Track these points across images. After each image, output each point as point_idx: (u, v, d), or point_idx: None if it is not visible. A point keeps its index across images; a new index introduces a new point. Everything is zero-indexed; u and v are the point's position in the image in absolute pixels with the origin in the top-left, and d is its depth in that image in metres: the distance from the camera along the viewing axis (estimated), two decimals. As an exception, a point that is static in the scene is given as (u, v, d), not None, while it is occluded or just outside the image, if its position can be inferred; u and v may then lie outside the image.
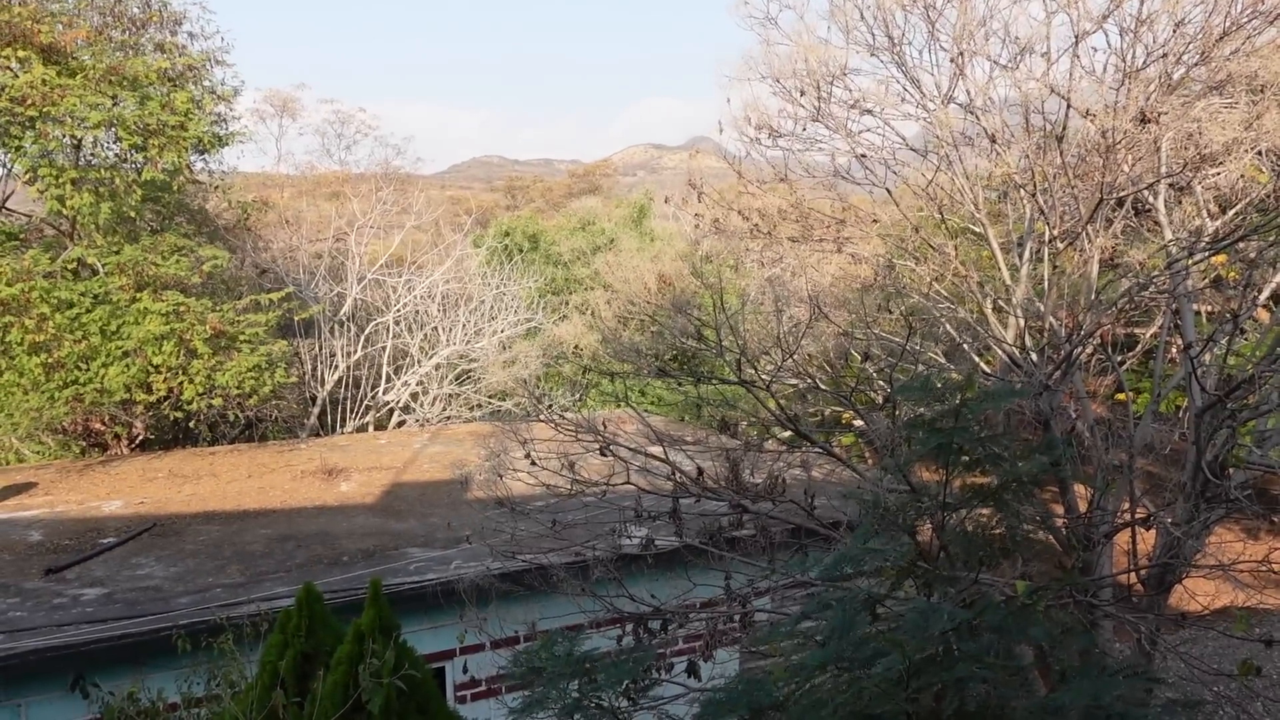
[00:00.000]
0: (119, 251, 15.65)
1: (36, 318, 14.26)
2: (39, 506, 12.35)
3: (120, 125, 15.37)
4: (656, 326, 14.45)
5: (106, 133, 15.94)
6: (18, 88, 14.36)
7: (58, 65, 15.26)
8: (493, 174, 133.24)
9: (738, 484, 7.89)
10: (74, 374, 14.89)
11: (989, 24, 9.58)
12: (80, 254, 15.61)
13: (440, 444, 16.39)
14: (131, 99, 15.77)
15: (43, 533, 11.12)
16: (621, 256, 28.11)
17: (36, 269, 14.68)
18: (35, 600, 8.84)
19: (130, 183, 15.66)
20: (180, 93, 16.24)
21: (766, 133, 9.96)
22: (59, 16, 16.14)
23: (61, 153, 15.78)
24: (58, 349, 14.55)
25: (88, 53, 15.83)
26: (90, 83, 15.10)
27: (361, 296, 23.37)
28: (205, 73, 17.66)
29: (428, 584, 8.87)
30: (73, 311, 14.93)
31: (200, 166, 18.58)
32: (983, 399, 3.36)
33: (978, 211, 9.11)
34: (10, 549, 10.52)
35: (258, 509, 12.10)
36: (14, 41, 14.99)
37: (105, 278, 15.43)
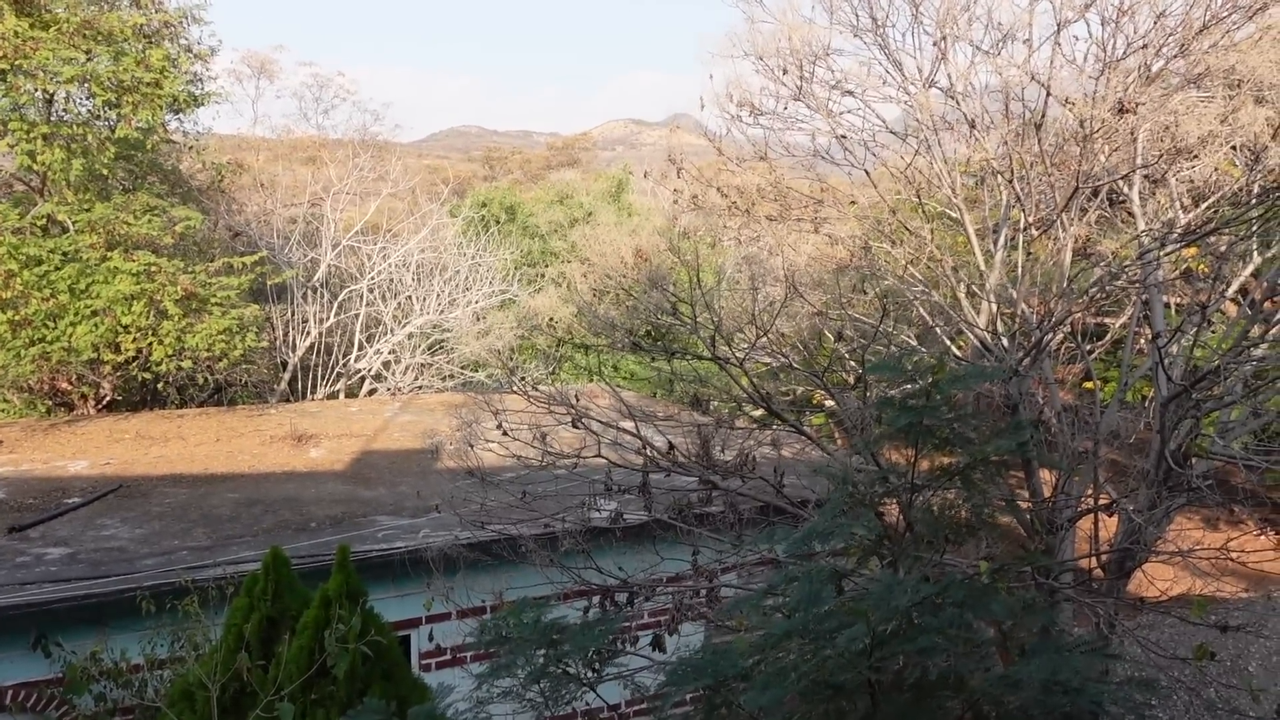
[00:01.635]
0: (90, 209, 15.45)
1: (4, 274, 14.07)
2: (3, 465, 12.23)
3: (94, 81, 15.13)
4: (632, 301, 14.44)
5: (80, 88, 15.70)
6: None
7: (30, 17, 14.98)
8: (471, 144, 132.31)
9: (708, 460, 7.92)
10: (41, 332, 14.72)
11: (972, 9, 9.59)
12: (50, 210, 15.39)
13: (411, 413, 16.35)
14: (106, 54, 15.52)
15: (6, 491, 11.02)
16: (599, 230, 28.05)
17: (5, 225, 14.48)
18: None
19: (103, 140, 15.44)
20: (156, 50, 16.00)
21: (748, 110, 9.94)
22: (32, -33, 15.83)
23: (33, 107, 15.53)
24: (25, 306, 14.37)
25: (61, 5, 15.53)
26: (64, 36, 14.84)
27: (336, 263, 23.22)
28: (182, 30, 17.40)
29: (395, 552, 8.88)
30: (41, 269, 14.74)
31: (175, 126, 18.32)
32: (953, 380, 3.39)
33: (955, 196, 9.15)
34: (-27, 506, 10.42)
35: (225, 473, 12.04)
36: (-15, -9, 14.72)
37: (75, 235, 15.23)
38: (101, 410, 17.39)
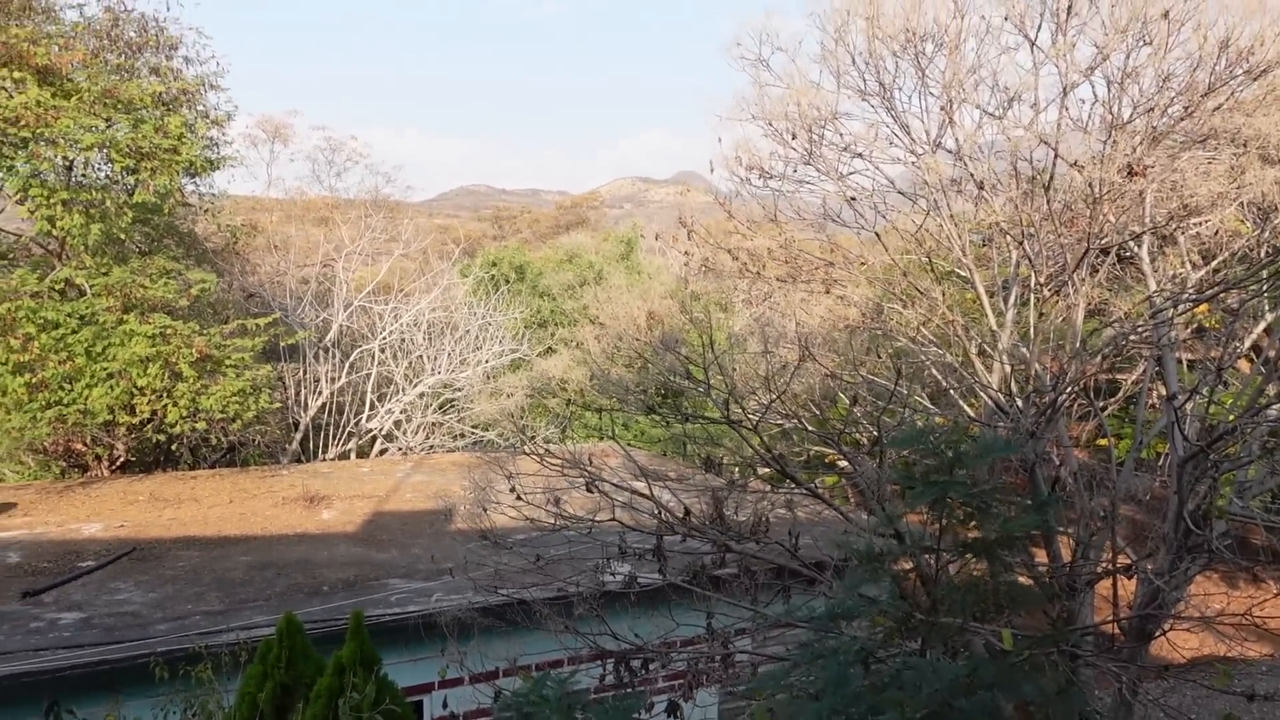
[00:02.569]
0: (107, 273, 15.62)
1: (22, 337, 14.19)
2: (18, 528, 12.23)
3: (113, 147, 15.38)
4: (643, 363, 14.49)
5: (99, 154, 15.94)
6: (12, 108, 14.37)
7: (53, 87, 15.28)
8: (480, 203, 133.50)
9: (722, 523, 7.89)
10: (58, 394, 14.80)
11: (978, 72, 9.73)
12: (68, 274, 15.56)
13: (423, 473, 16.34)
14: (125, 122, 15.79)
15: (21, 554, 11.01)
16: (610, 292, 28.20)
17: (24, 288, 14.63)
18: (11, 624, 8.74)
19: (121, 204, 15.65)
20: (174, 117, 16.27)
21: (757, 173, 10.05)
22: (55, 38, 16.15)
23: (53, 173, 15.76)
24: (42, 369, 14.47)
25: (83, 75, 15.85)
26: (85, 105, 15.12)
27: (347, 323, 23.36)
28: (199, 97, 17.71)
29: (409, 616, 8.83)
30: (59, 332, 14.86)
31: (191, 189, 18.58)
32: (978, 453, 3.39)
33: (964, 256, 9.21)
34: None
35: (238, 535, 12.02)
36: (10, 62, 15.00)
37: (93, 299, 15.38)
38: (115, 471, 17.41)
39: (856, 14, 9.67)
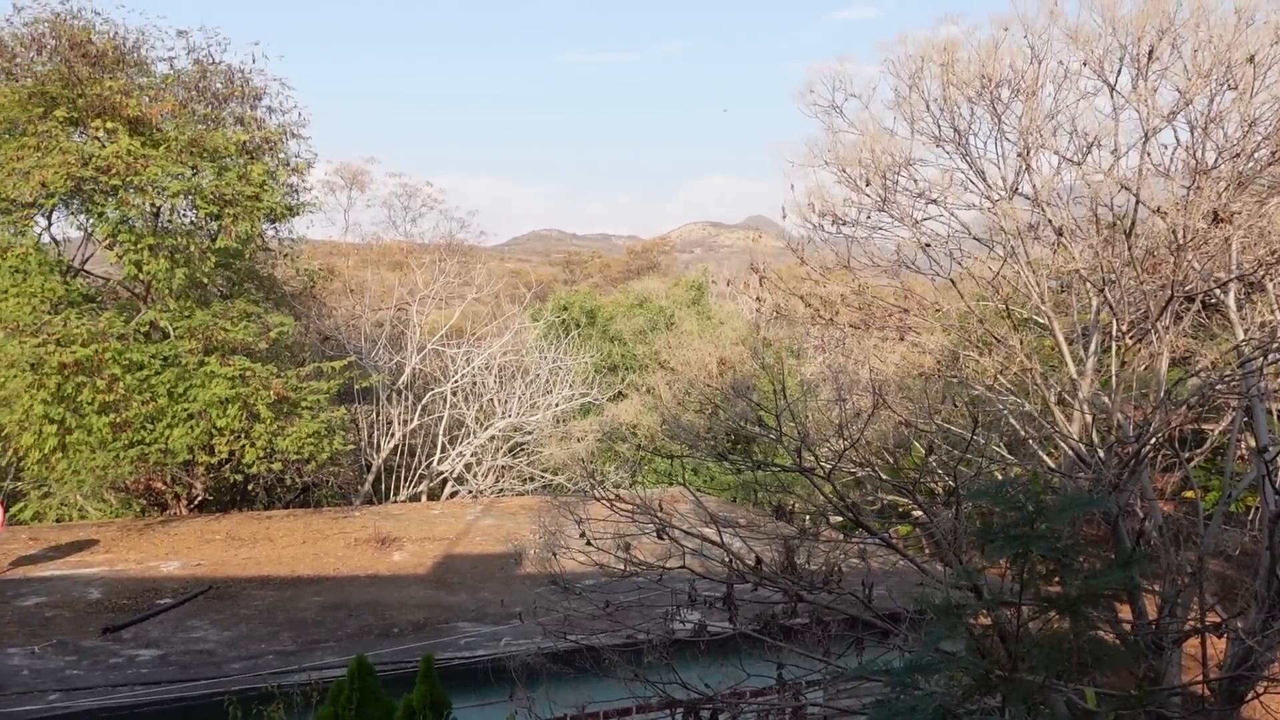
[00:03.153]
0: (190, 316, 16.06)
1: (108, 378, 14.61)
2: (100, 564, 12.53)
3: (198, 194, 15.88)
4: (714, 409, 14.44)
5: (185, 201, 16.47)
6: (104, 157, 14.93)
7: (143, 136, 15.87)
8: (552, 247, 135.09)
9: (793, 571, 7.78)
10: (140, 434, 15.19)
11: (1056, 118, 9.62)
12: (153, 317, 16.03)
13: (493, 517, 16.41)
14: (210, 169, 16.31)
15: (102, 591, 11.26)
16: (681, 337, 28.22)
17: (111, 331, 15.09)
18: (92, 659, 8.93)
19: (204, 249, 16.13)
20: (256, 165, 16.76)
21: (830, 219, 10.02)
22: (146, 90, 16.80)
23: (141, 219, 16.30)
24: (126, 409, 14.87)
25: (172, 125, 16.43)
26: (172, 154, 15.66)
27: (420, 366, 23.67)
28: (281, 146, 18.23)
29: (478, 660, 8.82)
30: (143, 373, 15.28)
31: (271, 234, 19.08)
32: (1059, 507, 3.30)
33: (1043, 303, 9.05)
34: (70, 606, 10.66)
35: (311, 575, 12.16)
36: (104, 113, 15.63)
37: (176, 341, 15.80)
38: (193, 510, 17.78)
39: (931, 61, 9.64)
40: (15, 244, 15.66)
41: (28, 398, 14.44)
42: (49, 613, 10.42)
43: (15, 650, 9.20)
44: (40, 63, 16.32)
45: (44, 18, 16.49)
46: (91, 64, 16.37)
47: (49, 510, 16.23)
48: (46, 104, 15.64)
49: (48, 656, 9.03)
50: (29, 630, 9.81)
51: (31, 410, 14.45)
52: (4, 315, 14.93)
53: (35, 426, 14.56)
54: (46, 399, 14.38)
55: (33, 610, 10.52)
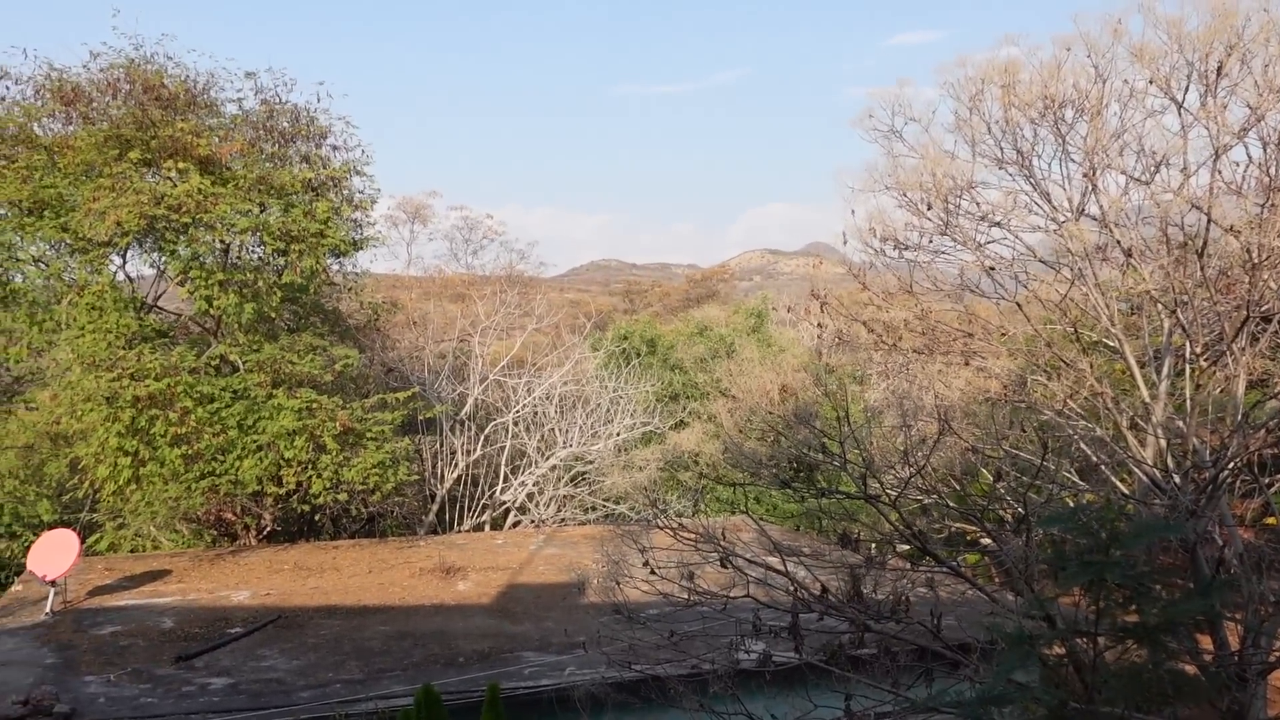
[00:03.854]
0: (258, 349, 16.38)
1: (180, 411, 14.95)
2: (172, 594, 12.77)
3: (265, 231, 16.25)
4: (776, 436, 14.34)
5: (253, 238, 16.86)
6: (176, 196, 15.35)
7: (212, 175, 16.29)
8: (611, 277, 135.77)
9: (860, 601, 7.66)
10: (211, 465, 15.49)
11: (1122, 137, 9.46)
12: (223, 351, 16.38)
13: (555, 546, 16.44)
14: (277, 206, 16.69)
15: (175, 620, 11.47)
16: (742, 365, 28.10)
17: (182, 365, 15.44)
18: (166, 688, 9.08)
19: (271, 285, 16.47)
20: (321, 202, 17.10)
21: (891, 244, 9.94)
22: (216, 130, 17.27)
23: (211, 256, 16.71)
24: (197, 441, 15.18)
25: (240, 164, 16.85)
26: (241, 191, 16.06)
27: (482, 396, 23.85)
28: (345, 182, 18.58)
29: (543, 690, 8.82)
30: (213, 406, 15.60)
31: (336, 269, 19.42)
32: (1135, 533, 3.21)
33: (1113, 326, 8.87)
34: (145, 635, 10.87)
35: (377, 604, 12.27)
36: (175, 154, 16.08)
37: (245, 374, 16.13)
38: (262, 540, 18.05)
39: (992, 82, 9.56)
40: (92, 282, 16.14)
41: (103, 430, 14.82)
42: (124, 641, 10.64)
43: (92, 678, 9.40)
44: (115, 107, 16.87)
45: (119, 63, 17.07)
46: (164, 106, 16.88)
47: (124, 541, 16.58)
48: (121, 146, 16.15)
49: (123, 684, 9.21)
50: (105, 659, 10.02)
51: (107, 443, 14.82)
52: (81, 350, 15.36)
53: (110, 459, 14.92)
54: (121, 431, 14.74)
55: (109, 639, 10.74)
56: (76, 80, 17.06)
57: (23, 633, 11.02)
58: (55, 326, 16.25)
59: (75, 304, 16.05)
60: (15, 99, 17.17)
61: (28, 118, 16.97)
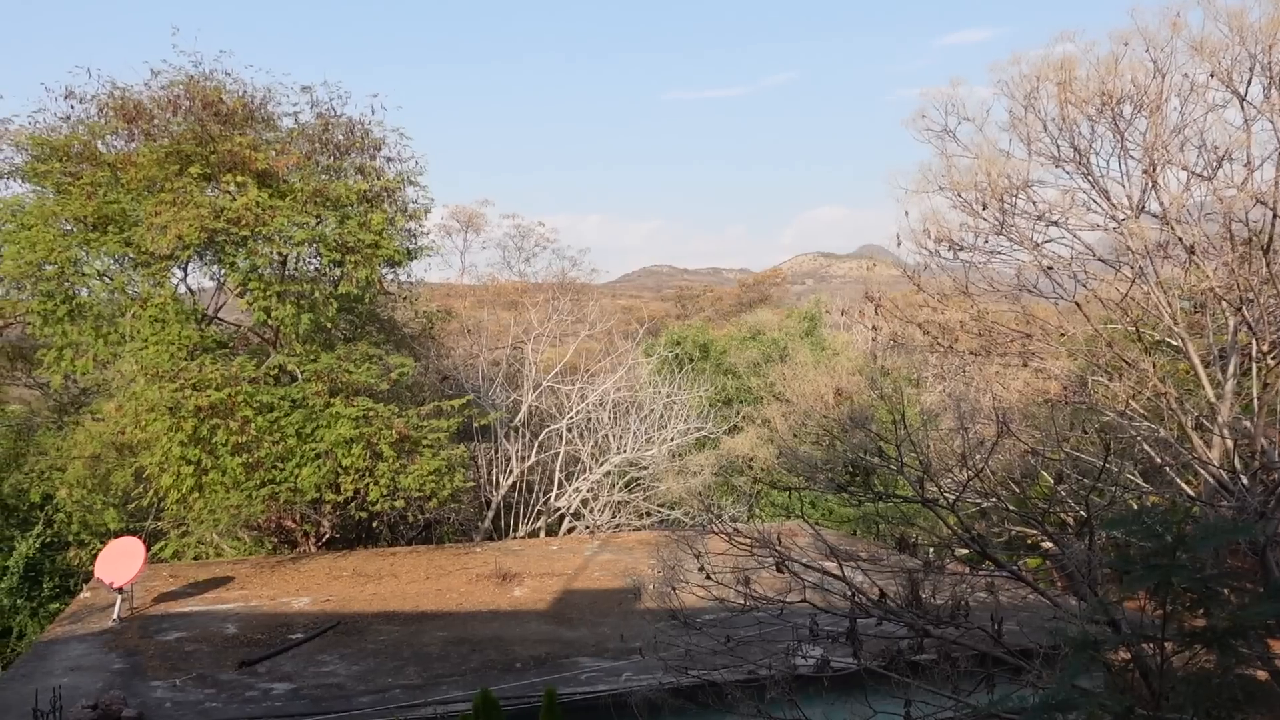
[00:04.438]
0: (316, 359, 16.62)
1: (240, 420, 15.20)
2: (235, 600, 12.98)
3: (322, 243, 16.50)
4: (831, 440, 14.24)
5: (309, 249, 17.12)
6: (235, 209, 15.64)
7: (270, 188, 16.57)
8: (662, 283, 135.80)
9: (918, 605, 7.57)
10: (271, 473, 15.72)
11: (1183, 132, 9.28)
12: (281, 361, 16.64)
13: (610, 551, 16.46)
14: (333, 218, 16.93)
15: (238, 626, 11.66)
16: (796, 368, 27.97)
17: (242, 375, 15.72)
18: (230, 692, 9.23)
19: (328, 295, 16.71)
20: (376, 213, 17.31)
21: (946, 245, 9.83)
22: (273, 144, 17.56)
23: (269, 267, 16.98)
24: (258, 449, 15.43)
25: (297, 177, 17.12)
26: (298, 204, 16.32)
27: (536, 403, 23.96)
28: (399, 193, 18.78)
29: (599, 695, 8.83)
30: (272, 415, 15.84)
31: (390, 278, 19.64)
32: (1202, 537, 3.14)
33: (1175, 325, 8.69)
34: (209, 640, 11.06)
35: (435, 610, 12.37)
36: (234, 168, 16.39)
37: (303, 384, 16.37)
38: (321, 547, 18.29)
39: (1047, 79, 9.42)
40: (155, 295, 16.49)
41: (166, 440, 15.12)
42: (189, 647, 10.83)
43: (159, 683, 9.58)
44: (176, 123, 17.22)
45: (179, 80, 17.43)
46: (222, 122, 17.20)
47: (187, 549, 16.88)
48: (181, 161, 16.49)
49: (188, 689, 9.38)
50: (171, 664, 10.21)
51: (170, 452, 15.12)
52: (145, 362, 15.68)
53: (174, 468, 15.21)
54: (184, 440, 15.03)
55: (174, 644, 10.95)
56: (138, 98, 17.45)
57: (91, 639, 11.27)
58: (120, 339, 16.61)
59: (139, 317, 16.40)
60: (80, 118, 17.60)
61: (92, 136, 17.39)
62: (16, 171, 17.45)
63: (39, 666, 10.26)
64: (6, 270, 16.31)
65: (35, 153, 17.30)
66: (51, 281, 16.51)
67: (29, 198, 17.37)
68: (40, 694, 8.70)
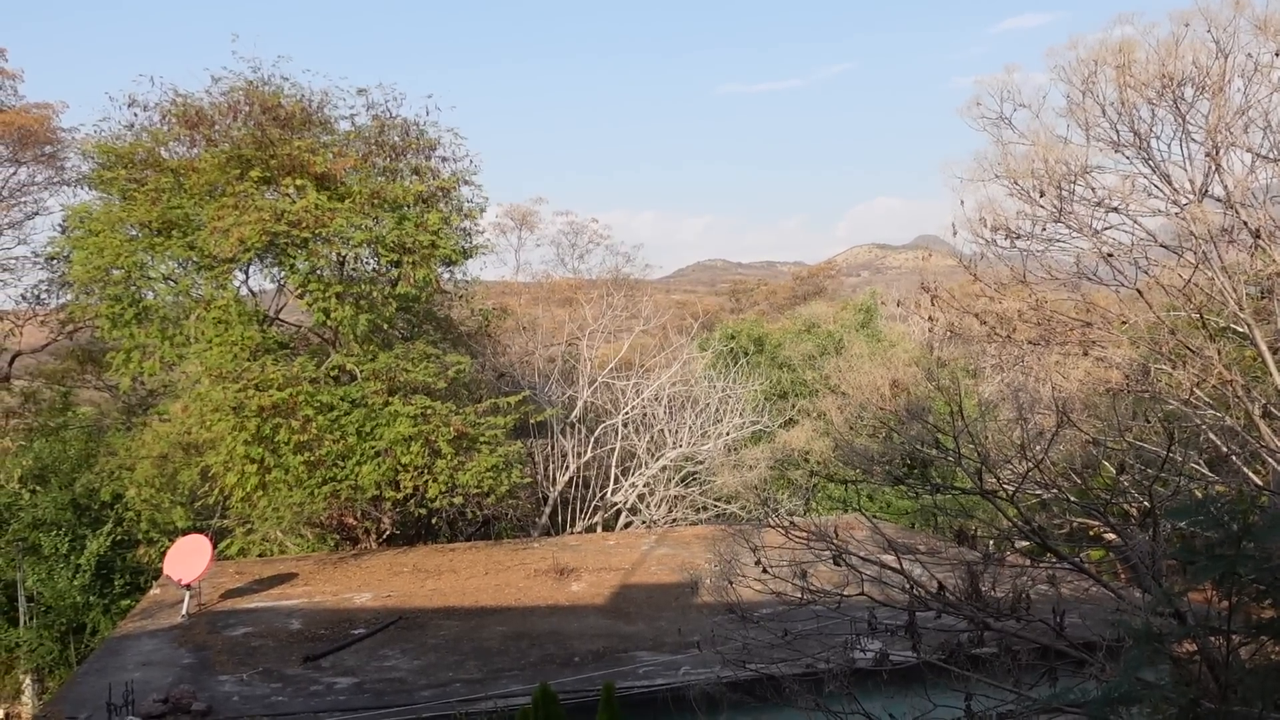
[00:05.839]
0: (374, 358, 16.84)
1: (302, 419, 15.46)
2: (299, 596, 13.21)
3: (380, 244, 16.71)
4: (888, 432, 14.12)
5: (367, 250, 17.35)
6: (294, 212, 15.89)
7: (328, 191, 16.81)
8: (716, 277, 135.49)
9: (978, 598, 7.49)
10: (332, 471, 15.97)
11: (1247, 114, 9.06)
12: (341, 361, 16.89)
13: (667, 546, 16.48)
14: (390, 219, 17.13)
15: (302, 621, 11.87)
16: (851, 361, 27.75)
17: (303, 375, 15.98)
18: (295, 687, 9.41)
19: (386, 295, 16.93)
20: (432, 213, 17.50)
21: (1003, 234, 9.70)
22: (330, 147, 17.81)
23: (328, 269, 17.24)
24: (319, 448, 15.68)
25: (354, 179, 17.35)
26: (356, 206, 16.55)
27: (592, 399, 24.05)
28: (455, 193, 18.94)
29: (657, 689, 8.86)
30: (333, 414, 16.09)
31: (446, 277, 19.82)
32: (1270, 526, 3.07)
33: (1241, 311, 8.49)
34: (274, 636, 11.28)
35: (494, 606, 12.49)
36: (293, 172, 16.66)
37: (362, 383, 16.59)
38: (382, 544, 18.55)
39: (1105, 63, 9.25)
40: (218, 297, 16.82)
41: (230, 439, 15.42)
42: (255, 642, 11.05)
43: (226, 677, 9.79)
44: (236, 128, 17.55)
45: (239, 87, 17.75)
46: (281, 126, 17.49)
47: (252, 546, 17.22)
48: (242, 166, 16.80)
49: (255, 683, 9.57)
50: (238, 659, 10.43)
51: (234, 451, 15.42)
52: (209, 363, 16.01)
53: (238, 466, 15.51)
54: (247, 439, 15.33)
55: (240, 640, 11.18)
56: (199, 104, 17.81)
57: (161, 634, 11.54)
58: (185, 341, 16.97)
59: (203, 319, 16.74)
60: (144, 125, 18.01)
61: (155, 142, 17.79)
62: (84, 179, 17.91)
63: (111, 662, 10.54)
64: (76, 275, 16.75)
65: (101, 160, 17.76)
66: (119, 285, 16.92)
67: (96, 204, 17.83)
68: (113, 688, 8.93)
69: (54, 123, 24.68)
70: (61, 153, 24.95)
